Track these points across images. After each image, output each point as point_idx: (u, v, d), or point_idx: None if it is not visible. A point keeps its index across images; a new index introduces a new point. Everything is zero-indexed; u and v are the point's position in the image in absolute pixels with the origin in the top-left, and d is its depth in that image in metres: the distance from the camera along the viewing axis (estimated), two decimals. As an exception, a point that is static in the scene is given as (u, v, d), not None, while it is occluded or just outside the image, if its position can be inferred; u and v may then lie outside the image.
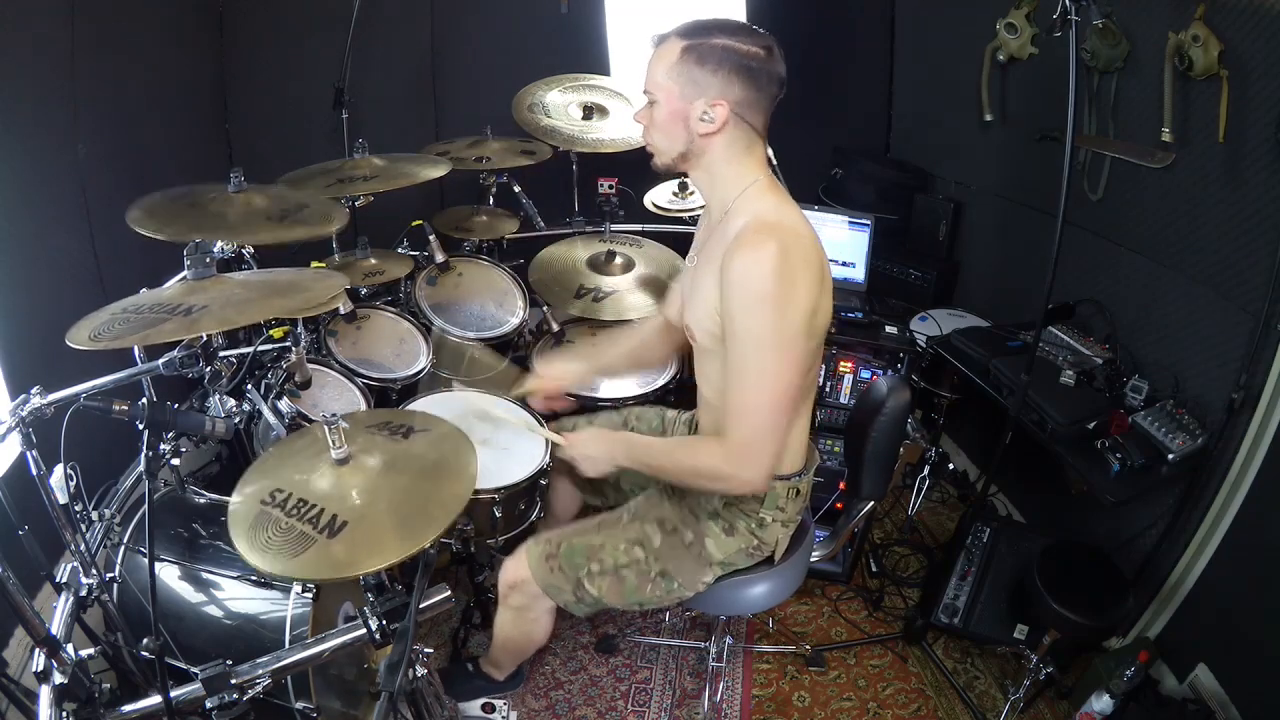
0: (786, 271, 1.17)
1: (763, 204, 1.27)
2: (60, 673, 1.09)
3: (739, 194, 1.29)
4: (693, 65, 1.22)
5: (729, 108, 1.22)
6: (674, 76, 1.23)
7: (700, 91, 1.22)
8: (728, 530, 1.45)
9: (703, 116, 1.23)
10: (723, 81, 1.21)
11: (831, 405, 2.27)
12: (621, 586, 1.47)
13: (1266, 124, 1.59)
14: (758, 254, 1.17)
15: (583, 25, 2.78)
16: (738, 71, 1.21)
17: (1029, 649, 1.88)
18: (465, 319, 2.27)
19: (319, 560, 1.05)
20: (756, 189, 1.28)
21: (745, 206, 1.27)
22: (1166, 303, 1.92)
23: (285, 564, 1.05)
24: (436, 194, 2.88)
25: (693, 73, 1.22)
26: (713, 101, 1.22)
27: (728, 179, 1.30)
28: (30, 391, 1.20)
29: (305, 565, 1.05)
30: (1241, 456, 1.71)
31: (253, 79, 2.78)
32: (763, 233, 1.20)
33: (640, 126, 1.34)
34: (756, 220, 1.24)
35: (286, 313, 1.45)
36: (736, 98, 1.22)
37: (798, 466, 1.44)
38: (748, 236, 1.21)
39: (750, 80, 1.22)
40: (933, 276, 2.64)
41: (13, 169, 1.81)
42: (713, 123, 1.23)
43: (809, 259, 1.22)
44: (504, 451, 1.82)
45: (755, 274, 1.17)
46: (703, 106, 1.23)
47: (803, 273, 1.20)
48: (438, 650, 2.01)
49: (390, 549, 1.06)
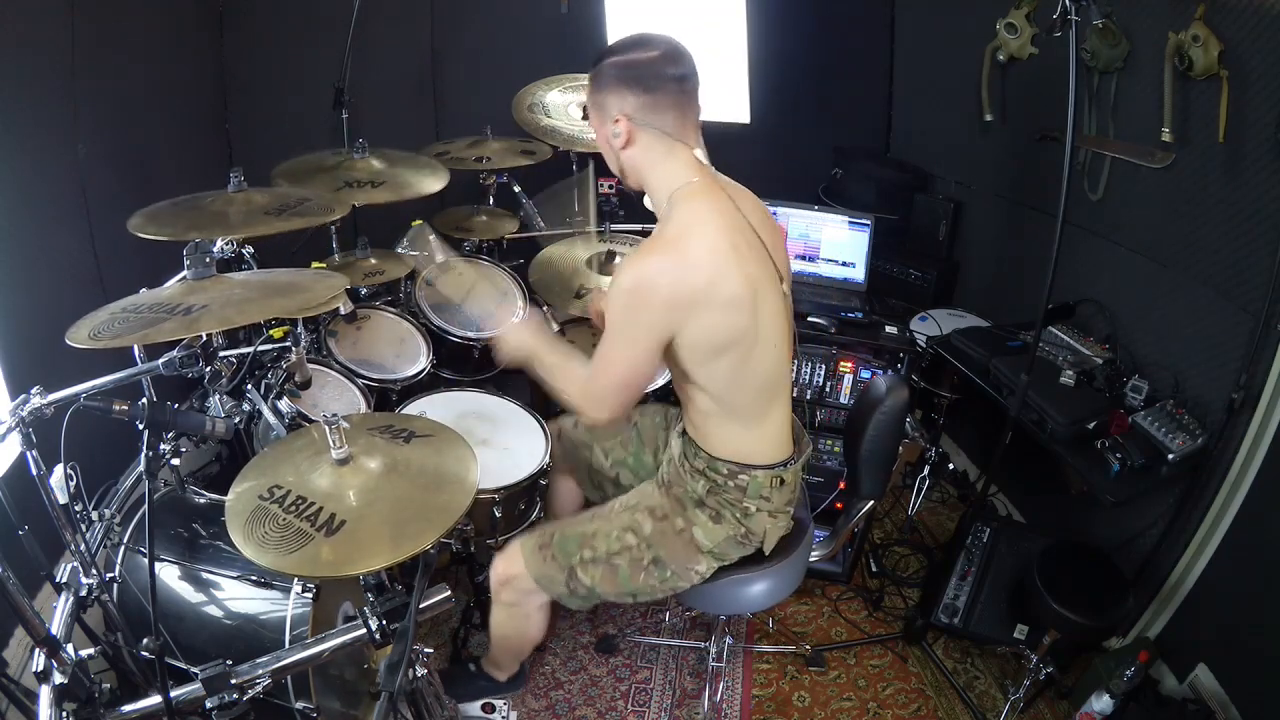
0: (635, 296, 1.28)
1: (679, 213, 1.32)
2: (60, 673, 1.09)
3: (667, 198, 1.34)
4: (594, 93, 1.34)
5: (627, 119, 1.30)
6: (591, 107, 1.37)
7: (606, 114, 1.33)
8: (714, 518, 1.47)
9: (613, 135, 1.33)
10: (617, 97, 1.31)
11: (831, 405, 2.27)
12: (615, 575, 1.48)
13: (1266, 124, 1.59)
14: (623, 273, 1.30)
15: (583, 25, 2.78)
16: (625, 83, 1.30)
17: (1029, 649, 1.88)
18: (465, 319, 2.27)
19: (316, 558, 1.05)
20: (686, 192, 1.32)
21: (669, 214, 1.34)
22: (1166, 303, 1.92)
23: (282, 560, 1.05)
24: (436, 194, 2.87)
25: (595, 99, 1.34)
26: (614, 118, 1.31)
27: (657, 185, 1.36)
28: (30, 391, 1.20)
29: (301, 562, 1.05)
30: (1241, 456, 1.71)
31: (253, 79, 2.78)
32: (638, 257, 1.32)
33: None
34: (650, 240, 1.34)
35: (286, 313, 1.45)
36: (632, 107, 1.30)
37: (780, 456, 1.45)
38: (629, 255, 1.33)
39: (639, 86, 1.29)
40: (933, 276, 2.64)
41: (13, 169, 1.81)
42: (621, 136, 1.32)
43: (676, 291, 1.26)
44: (504, 451, 1.82)
45: (617, 286, 1.30)
46: (610, 127, 1.32)
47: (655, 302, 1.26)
48: (438, 650, 2.01)
49: (388, 551, 1.06)
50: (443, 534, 1.10)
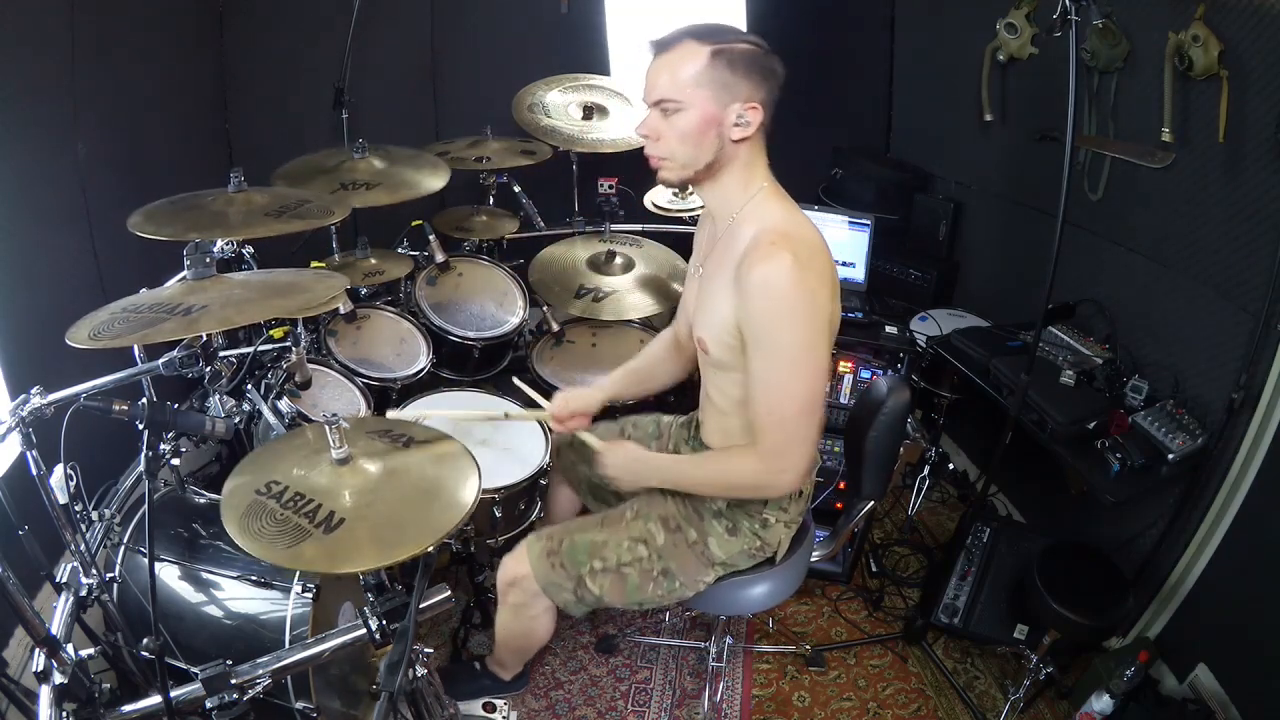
0: (805, 282, 1.17)
1: (771, 212, 1.26)
2: (60, 673, 1.09)
3: (746, 201, 1.27)
4: (724, 69, 1.19)
5: (763, 110, 1.21)
6: (705, 81, 1.20)
7: (734, 95, 1.20)
8: (731, 530, 1.45)
9: (738, 121, 1.21)
10: (752, 84, 1.20)
11: (831, 405, 2.27)
12: (624, 585, 1.46)
13: (1266, 124, 1.59)
14: (776, 266, 1.17)
15: (583, 25, 2.78)
16: (762, 74, 1.21)
17: (1029, 649, 1.88)
18: (465, 319, 2.27)
19: (315, 553, 1.05)
20: (763, 195, 1.27)
21: (753, 214, 1.26)
22: (1166, 303, 1.92)
23: (278, 553, 1.05)
24: (436, 194, 2.87)
25: (725, 77, 1.19)
26: (749, 104, 1.20)
27: (736, 185, 1.28)
28: (30, 391, 1.20)
29: (297, 556, 1.05)
30: (1241, 456, 1.71)
31: (253, 79, 2.78)
32: (778, 244, 1.19)
33: (643, 139, 1.29)
34: (769, 230, 1.22)
35: (286, 313, 1.45)
36: (765, 99, 1.21)
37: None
38: (763, 248, 1.19)
39: (773, 81, 1.22)
40: (933, 276, 2.63)
41: (13, 169, 1.81)
42: (748, 126, 1.21)
43: (823, 269, 1.22)
44: (504, 451, 1.83)
45: (776, 287, 1.17)
46: (738, 110, 1.20)
47: (819, 282, 1.20)
48: (438, 650, 2.00)
49: (386, 551, 1.06)
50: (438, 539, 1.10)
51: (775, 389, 1.23)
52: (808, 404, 1.23)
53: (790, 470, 1.29)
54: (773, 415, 1.24)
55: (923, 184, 2.85)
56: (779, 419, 1.24)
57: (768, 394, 1.24)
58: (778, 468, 1.28)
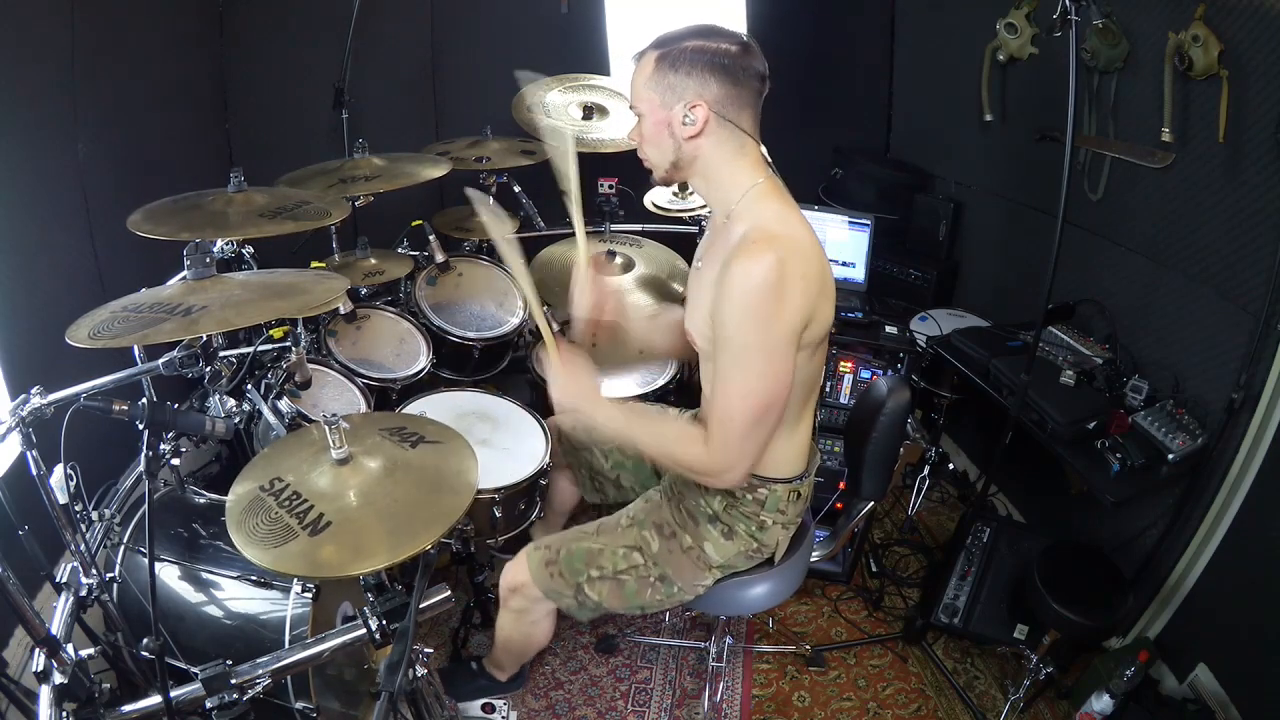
0: (779, 285, 1.16)
1: (765, 210, 1.26)
2: (60, 673, 1.09)
3: (740, 197, 1.27)
4: (667, 71, 1.22)
5: (708, 107, 1.22)
6: (652, 86, 1.24)
7: (678, 96, 1.22)
8: (726, 534, 1.45)
9: (684, 120, 1.22)
10: (698, 82, 1.21)
11: (831, 405, 2.27)
12: (621, 591, 1.47)
13: (1266, 124, 1.59)
14: (753, 264, 1.17)
15: (583, 25, 2.78)
16: (711, 70, 1.21)
17: (1029, 649, 1.88)
18: (465, 319, 2.27)
19: (295, 555, 1.05)
20: (757, 192, 1.27)
21: (747, 211, 1.26)
22: (1166, 303, 1.92)
23: (264, 554, 1.05)
24: (436, 194, 2.88)
25: (668, 78, 1.22)
26: (691, 103, 1.21)
27: (725, 182, 1.29)
28: (30, 391, 1.20)
29: (280, 558, 1.05)
30: (1241, 456, 1.71)
31: (253, 79, 2.78)
32: (761, 242, 1.19)
33: (635, 144, 1.33)
34: (757, 229, 1.22)
35: (286, 314, 1.45)
36: (714, 96, 1.21)
37: (799, 470, 1.44)
38: (746, 246, 1.20)
39: (725, 76, 1.21)
40: (933, 276, 2.64)
41: (13, 169, 1.81)
42: (694, 124, 1.22)
43: (806, 271, 1.20)
44: (504, 451, 1.82)
45: (747, 285, 1.17)
46: (682, 110, 1.22)
47: (797, 286, 1.18)
48: (438, 650, 2.01)
49: (375, 555, 1.06)
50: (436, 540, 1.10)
51: (731, 386, 1.23)
52: (759, 408, 1.22)
53: (731, 471, 1.29)
54: (724, 413, 1.24)
55: (923, 184, 2.85)
56: (728, 417, 1.24)
57: (725, 391, 1.24)
58: (719, 466, 1.28)
